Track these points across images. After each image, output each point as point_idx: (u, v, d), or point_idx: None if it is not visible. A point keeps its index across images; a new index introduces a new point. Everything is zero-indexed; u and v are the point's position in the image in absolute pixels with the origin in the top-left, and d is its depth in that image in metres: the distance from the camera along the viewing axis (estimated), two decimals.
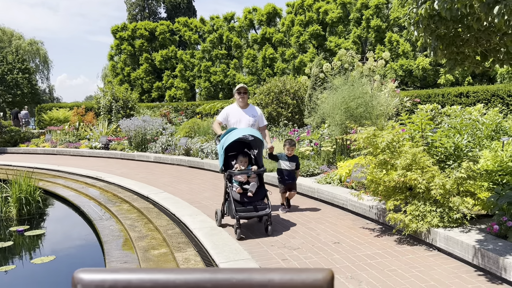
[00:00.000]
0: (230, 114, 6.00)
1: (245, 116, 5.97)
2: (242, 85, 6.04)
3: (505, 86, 13.28)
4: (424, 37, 3.61)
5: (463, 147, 6.06)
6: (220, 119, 6.05)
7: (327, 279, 0.71)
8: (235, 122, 5.93)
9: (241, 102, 6.00)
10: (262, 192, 5.31)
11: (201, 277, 0.72)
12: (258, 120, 6.10)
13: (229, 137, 5.11)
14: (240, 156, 5.43)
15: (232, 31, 31.70)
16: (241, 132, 5.19)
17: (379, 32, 24.32)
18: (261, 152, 5.44)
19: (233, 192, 5.21)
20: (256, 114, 6.09)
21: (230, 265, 4.22)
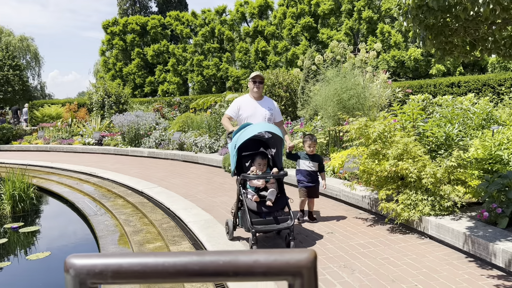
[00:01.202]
0: (242, 107, 5.09)
1: (260, 109, 5.07)
2: (258, 73, 5.13)
3: (495, 76, 13.37)
4: (413, 27, 3.64)
5: (454, 136, 6.13)
6: (230, 113, 5.13)
7: (310, 259, 0.74)
8: (248, 116, 5.03)
9: (257, 93, 5.09)
10: (282, 200, 4.47)
11: (189, 260, 0.75)
12: (275, 114, 5.23)
13: (243, 135, 4.25)
14: (258, 158, 4.55)
15: (224, 25, 31.58)
16: (257, 129, 4.32)
17: (371, 23, 24.34)
18: (280, 151, 4.63)
19: (249, 201, 4.36)
20: (273, 107, 5.21)
21: None
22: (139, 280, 0.74)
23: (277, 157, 4.65)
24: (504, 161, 5.24)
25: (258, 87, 5.10)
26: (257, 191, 4.48)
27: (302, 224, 5.28)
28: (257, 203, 4.37)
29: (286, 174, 4.50)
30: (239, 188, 4.44)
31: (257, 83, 5.10)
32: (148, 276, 0.74)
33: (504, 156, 5.25)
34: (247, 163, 4.71)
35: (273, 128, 4.35)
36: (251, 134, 4.24)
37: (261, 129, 4.37)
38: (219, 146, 12.06)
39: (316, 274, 0.75)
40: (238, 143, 4.31)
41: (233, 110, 5.12)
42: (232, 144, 4.48)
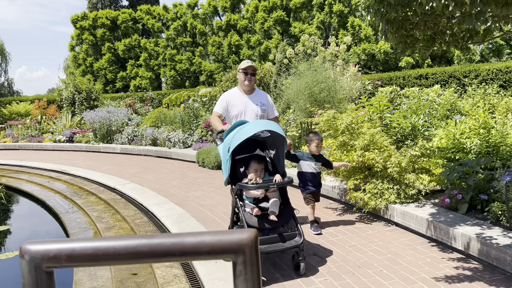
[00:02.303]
0: (231, 102, 4.45)
1: (251, 106, 4.44)
2: (250, 63, 4.43)
3: (461, 68, 13.82)
4: (376, 21, 3.76)
5: (420, 127, 6.34)
6: (219, 110, 4.46)
7: (251, 238, 0.81)
8: (238, 113, 4.41)
9: (248, 85, 4.44)
10: (287, 212, 3.74)
11: (138, 242, 0.81)
12: (268, 110, 4.57)
13: (238, 135, 3.49)
14: (254, 163, 3.82)
15: (196, 18, 31.33)
16: (255, 127, 3.57)
17: (342, 17, 24.63)
18: (282, 153, 3.90)
19: (247, 215, 3.63)
20: (266, 102, 4.56)
21: None
22: (92, 262, 0.80)
23: (277, 160, 3.93)
24: (466, 150, 5.46)
25: (249, 80, 4.43)
26: (256, 202, 3.75)
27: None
28: (258, 218, 3.61)
29: (292, 181, 3.81)
30: (235, 200, 3.73)
31: (248, 75, 4.41)
32: (100, 259, 0.80)
33: (466, 145, 5.47)
34: (242, 168, 3.96)
35: (273, 126, 3.59)
36: (248, 134, 3.47)
37: (260, 128, 3.60)
38: (192, 141, 12.04)
39: (257, 251, 0.82)
40: (232, 145, 3.49)
41: (221, 107, 4.46)
42: (224, 147, 3.72)
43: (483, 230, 3.74)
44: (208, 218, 5.44)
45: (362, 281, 3.39)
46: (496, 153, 5.29)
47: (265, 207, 3.71)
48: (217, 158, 9.18)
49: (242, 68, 4.44)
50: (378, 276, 3.47)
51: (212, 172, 8.91)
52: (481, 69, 13.26)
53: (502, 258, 3.35)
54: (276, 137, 3.81)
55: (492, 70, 12.95)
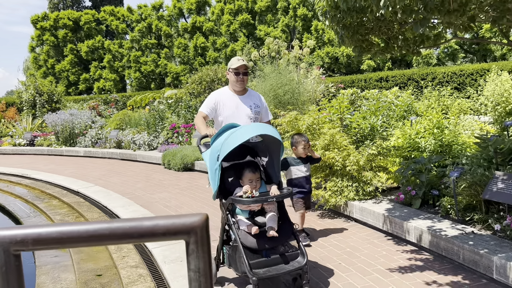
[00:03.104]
0: (221, 103, 3.94)
1: (243, 108, 3.95)
2: (242, 62, 3.93)
3: (419, 70, 14.42)
4: (333, 26, 3.94)
5: (378, 127, 6.61)
6: (205, 110, 3.92)
7: (202, 220, 0.92)
8: (227, 116, 3.90)
9: (239, 86, 3.96)
10: (287, 228, 3.22)
11: (100, 226, 0.90)
12: (262, 112, 4.10)
13: (230, 141, 2.98)
14: (248, 172, 3.30)
15: (162, 20, 31.07)
16: (249, 132, 3.04)
17: (306, 20, 25.08)
18: (277, 160, 3.39)
19: (243, 234, 3.09)
20: (260, 104, 4.09)
21: (163, 249, 4.37)
22: (57, 245, 0.89)
23: (271, 168, 3.43)
24: (421, 149, 5.75)
25: (242, 80, 3.93)
26: (250, 216, 3.23)
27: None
28: (256, 237, 3.07)
29: (292, 194, 3.40)
30: (226, 215, 3.16)
31: (240, 75, 3.92)
32: (64, 242, 0.89)
33: (421, 144, 5.76)
34: (231, 178, 3.44)
35: (270, 130, 3.09)
36: (242, 139, 2.95)
37: (255, 132, 3.09)
38: (158, 143, 11.99)
39: (208, 232, 0.93)
40: (222, 153, 2.97)
41: (209, 107, 3.93)
42: (211, 155, 3.19)
43: (434, 223, 3.98)
44: None
45: (322, 274, 3.55)
46: (448, 151, 5.60)
47: (261, 223, 3.17)
48: (183, 159, 9.20)
49: (233, 68, 3.91)
50: (337, 269, 3.64)
51: (178, 174, 8.92)
52: (438, 72, 13.88)
53: (450, 249, 3.59)
54: (270, 142, 3.32)
55: (447, 73, 13.57)
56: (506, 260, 3.08)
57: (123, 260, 4.34)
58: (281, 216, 3.30)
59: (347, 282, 3.40)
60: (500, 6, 3.40)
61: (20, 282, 0.88)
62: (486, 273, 3.26)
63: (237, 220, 3.20)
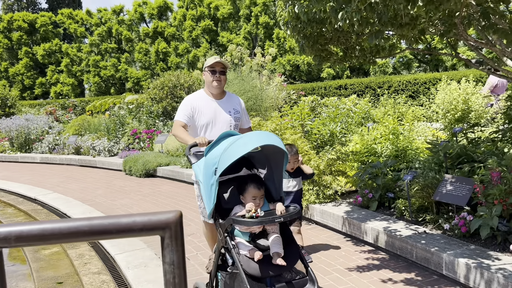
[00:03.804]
0: (197, 109, 3.57)
1: (222, 114, 3.59)
2: (218, 59, 3.57)
3: (376, 79, 15.00)
4: (293, 35, 4.10)
5: (337, 133, 6.85)
6: (182, 119, 3.55)
7: (176, 217, 1.00)
8: (206, 123, 3.56)
9: (217, 87, 3.57)
10: (293, 251, 2.80)
11: (80, 224, 0.96)
12: (242, 118, 3.75)
13: (231, 152, 2.56)
14: (252, 188, 2.80)
15: (122, 25, 30.58)
16: (254, 141, 2.58)
17: (268, 28, 25.44)
18: (279, 173, 2.89)
19: (244, 260, 2.64)
20: (239, 108, 3.73)
21: (126, 255, 4.35)
22: (39, 242, 0.94)
23: (270, 181, 2.95)
24: (378, 154, 6.01)
25: (218, 80, 3.54)
26: (252, 240, 2.79)
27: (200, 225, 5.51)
28: (259, 264, 2.64)
29: (301, 212, 2.92)
30: (224, 238, 2.72)
31: (217, 74, 3.53)
32: (46, 238, 0.94)
33: (378, 149, 6.02)
34: (226, 193, 2.98)
35: (275, 139, 2.65)
36: (245, 150, 2.54)
37: (260, 142, 2.60)
38: (119, 149, 11.80)
39: (181, 228, 1.01)
40: (221, 166, 2.57)
41: (186, 114, 3.55)
42: (205, 168, 2.75)
43: (390, 224, 4.20)
44: None
45: None
46: (403, 156, 5.89)
47: (264, 246, 2.74)
48: (145, 165, 9.12)
49: (208, 66, 3.56)
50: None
51: (139, 180, 8.83)
52: (393, 80, 14.47)
53: (404, 248, 3.80)
54: (271, 152, 2.79)
55: (402, 81, 14.18)
56: (454, 257, 3.31)
57: (85, 267, 4.29)
58: (284, 237, 2.83)
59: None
60: (448, 20, 3.67)
61: (2, 277, 0.93)
62: (436, 269, 3.48)
63: (236, 243, 2.72)
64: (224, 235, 2.70)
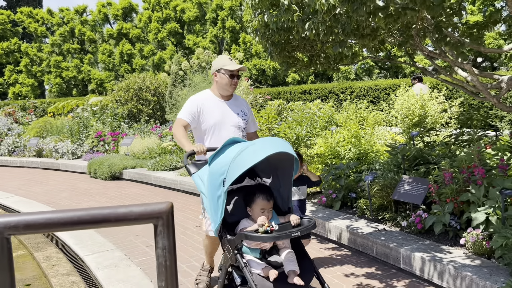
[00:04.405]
0: (205, 109, 3.34)
1: (230, 115, 3.40)
2: (239, 65, 3.42)
3: (339, 84, 15.49)
4: (262, 42, 4.27)
5: (303, 136, 7.09)
6: (186, 117, 3.31)
7: (168, 207, 1.14)
8: (214, 124, 3.33)
9: (231, 91, 3.43)
10: (308, 267, 2.62)
11: (81, 213, 1.08)
12: (249, 121, 3.59)
13: (241, 161, 2.33)
14: (261, 199, 2.62)
15: (85, 25, 29.94)
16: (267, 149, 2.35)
17: (234, 32, 25.64)
18: (287, 183, 2.72)
19: (259, 280, 2.44)
20: (247, 111, 3.58)
21: (95, 257, 4.37)
22: (45, 229, 1.06)
23: (276, 191, 2.77)
24: (341, 156, 6.28)
25: (235, 85, 3.43)
26: (263, 256, 2.59)
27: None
28: (275, 283, 2.44)
29: (315, 225, 2.52)
30: (234, 255, 2.48)
31: (235, 79, 3.40)
32: (51, 226, 1.06)
33: (341, 152, 6.29)
34: (229, 205, 2.74)
35: (288, 146, 2.46)
36: (259, 157, 2.29)
37: (275, 149, 2.36)
38: (83, 152, 11.62)
39: (172, 217, 1.15)
40: (230, 176, 2.35)
41: (191, 113, 3.31)
42: (210, 177, 2.53)
43: (352, 222, 4.44)
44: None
45: None
46: (365, 158, 6.19)
47: (278, 263, 2.55)
48: (110, 168, 9.05)
49: (227, 69, 3.33)
50: None
51: (105, 183, 8.76)
52: (355, 86, 14.98)
53: (365, 244, 4.04)
54: (279, 159, 2.54)
55: (364, 87, 14.71)
56: (411, 251, 3.57)
57: (54, 269, 4.28)
58: (297, 251, 2.64)
59: None
60: (406, 32, 3.95)
61: (10, 262, 1.05)
62: (395, 264, 3.73)
63: (247, 260, 2.49)
64: (234, 252, 2.48)
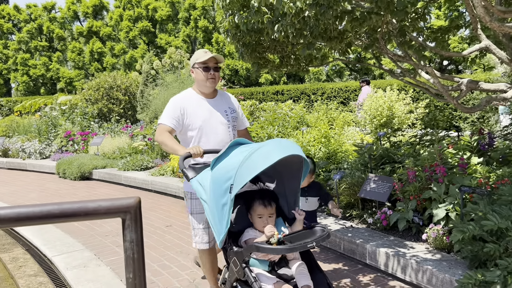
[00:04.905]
0: (188, 111, 3.00)
1: (217, 115, 3.06)
2: (211, 54, 3.05)
3: (310, 86, 15.72)
4: (233, 43, 4.33)
5: (275, 136, 7.18)
6: (169, 123, 2.97)
7: (135, 202, 1.19)
8: (201, 126, 2.99)
9: (210, 85, 3.07)
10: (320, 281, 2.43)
11: (51, 208, 1.12)
12: (239, 118, 3.27)
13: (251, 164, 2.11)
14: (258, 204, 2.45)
15: (54, 22, 29.22)
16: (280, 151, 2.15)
17: (207, 32, 25.58)
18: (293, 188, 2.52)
19: None
20: (234, 107, 3.24)
21: (64, 257, 4.33)
22: (16, 223, 1.09)
23: (282, 197, 2.59)
24: (312, 156, 6.40)
25: (213, 78, 3.05)
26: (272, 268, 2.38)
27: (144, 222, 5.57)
28: None
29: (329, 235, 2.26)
30: (242, 269, 2.27)
31: (211, 71, 3.02)
32: (22, 220, 1.09)
33: (312, 151, 6.42)
34: (233, 213, 2.53)
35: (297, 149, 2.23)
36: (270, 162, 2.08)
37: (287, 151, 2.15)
38: (51, 152, 11.37)
39: (140, 212, 1.20)
40: (239, 182, 2.13)
41: (174, 117, 2.97)
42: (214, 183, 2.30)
43: (320, 220, 4.55)
44: (72, 227, 5.40)
45: None
46: (334, 158, 6.33)
47: (288, 276, 2.36)
48: (80, 168, 8.91)
49: (199, 62, 3.02)
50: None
51: (74, 183, 8.62)
52: (327, 87, 15.24)
53: (333, 241, 4.16)
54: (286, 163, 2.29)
55: (335, 88, 14.98)
56: (376, 247, 3.70)
57: (20, 270, 4.21)
58: (308, 263, 2.45)
59: None
60: (373, 34, 4.09)
61: None
62: (361, 259, 3.86)
63: (256, 274, 2.29)
64: (242, 266, 2.27)
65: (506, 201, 3.02)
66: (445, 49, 5.37)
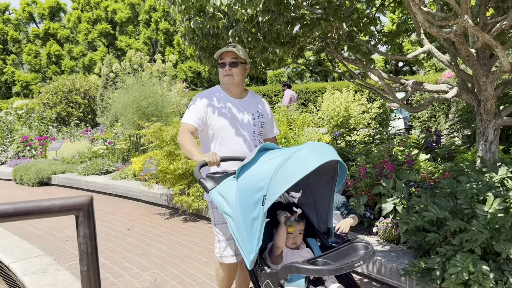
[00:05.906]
0: (212, 109, 2.74)
1: (242, 117, 2.78)
2: (227, 48, 2.77)
3: (272, 87, 15.98)
4: (191, 46, 4.42)
5: None
6: (193, 121, 2.67)
7: (88, 200, 1.27)
8: (222, 127, 2.70)
9: (229, 84, 2.80)
10: None
11: (5, 207, 1.19)
12: (267, 124, 2.94)
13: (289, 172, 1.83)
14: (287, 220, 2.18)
15: (8, 24, 28.17)
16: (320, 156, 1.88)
17: (168, 35, 25.41)
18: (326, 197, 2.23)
19: None
20: (264, 112, 2.91)
21: (22, 263, 4.27)
22: None
23: (310, 209, 2.33)
24: None
25: (229, 74, 2.75)
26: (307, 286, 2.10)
27: (104, 226, 5.55)
28: None
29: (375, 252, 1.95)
30: None
31: (226, 67, 2.75)
32: None
33: None
34: None
35: (336, 154, 1.97)
36: (310, 168, 1.83)
37: (328, 157, 1.90)
38: (7, 158, 11.02)
39: (93, 209, 1.28)
40: (273, 193, 1.85)
41: (198, 115, 2.68)
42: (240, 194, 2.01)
43: None
44: (31, 234, 5.32)
45: (185, 269, 3.95)
46: None
47: None
48: (38, 174, 8.70)
49: (217, 57, 2.83)
50: (199, 263, 4.08)
51: (32, 189, 8.42)
52: None
53: None
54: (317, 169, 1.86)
55: (295, 90, 15.27)
56: None
57: None
58: (346, 284, 2.17)
59: (210, 274, 3.87)
60: (326, 39, 4.28)
61: None
62: None
63: None
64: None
65: (445, 194, 3.26)
66: (396, 52, 5.67)
